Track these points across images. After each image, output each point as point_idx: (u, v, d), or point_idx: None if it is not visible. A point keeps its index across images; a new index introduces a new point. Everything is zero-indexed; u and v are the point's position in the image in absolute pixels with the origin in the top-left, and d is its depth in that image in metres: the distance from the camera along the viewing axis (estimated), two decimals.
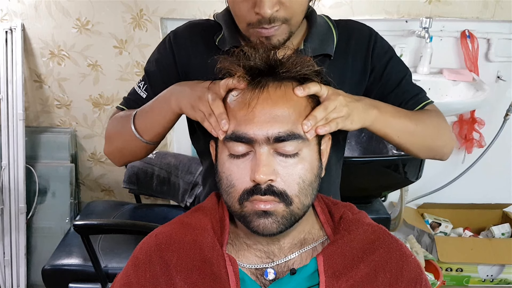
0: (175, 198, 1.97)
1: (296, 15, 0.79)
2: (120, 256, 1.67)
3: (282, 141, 0.66)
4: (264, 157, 0.66)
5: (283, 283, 0.70)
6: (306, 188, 0.68)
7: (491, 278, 2.19)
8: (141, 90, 0.96)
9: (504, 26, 1.98)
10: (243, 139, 0.66)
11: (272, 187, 0.66)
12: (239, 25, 0.83)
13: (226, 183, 0.69)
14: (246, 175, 0.67)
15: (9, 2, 1.93)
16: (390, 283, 0.71)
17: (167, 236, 0.75)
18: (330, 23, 0.92)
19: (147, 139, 0.89)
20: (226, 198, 0.70)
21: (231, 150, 0.68)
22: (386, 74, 0.93)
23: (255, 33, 0.79)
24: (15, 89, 1.98)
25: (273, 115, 0.66)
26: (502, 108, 2.10)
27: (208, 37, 0.91)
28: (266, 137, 0.66)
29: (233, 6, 0.81)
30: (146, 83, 0.96)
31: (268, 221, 0.67)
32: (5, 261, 2.04)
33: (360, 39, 0.92)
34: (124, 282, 0.75)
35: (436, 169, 2.26)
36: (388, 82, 0.93)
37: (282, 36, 0.80)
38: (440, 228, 2.28)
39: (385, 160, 1.71)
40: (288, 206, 0.67)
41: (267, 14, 0.75)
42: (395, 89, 0.93)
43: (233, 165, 0.68)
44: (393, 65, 0.93)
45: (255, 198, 0.66)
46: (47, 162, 2.14)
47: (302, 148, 0.68)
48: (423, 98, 0.96)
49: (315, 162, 0.70)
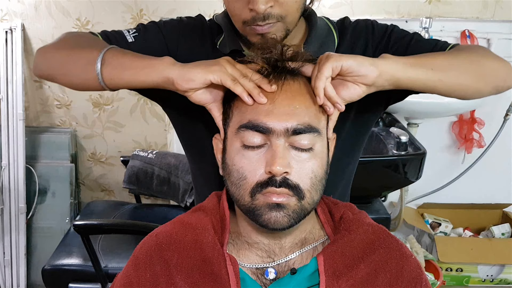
0: (175, 198, 1.97)
1: (291, 13, 0.78)
2: (120, 256, 1.67)
3: (299, 133, 0.67)
4: (280, 149, 0.66)
5: (284, 282, 0.70)
6: (317, 184, 0.69)
7: (491, 278, 2.19)
8: (130, 35, 0.86)
9: (504, 26, 1.98)
10: (261, 129, 0.67)
11: (287, 180, 0.66)
12: (236, 25, 0.82)
13: (237, 176, 0.69)
14: (259, 167, 0.67)
15: (9, 2, 1.94)
16: (390, 283, 0.71)
17: (167, 236, 0.75)
18: (331, 25, 0.91)
19: (107, 83, 0.75)
20: (236, 191, 0.70)
21: (246, 141, 0.68)
22: (392, 46, 0.87)
23: (250, 31, 0.79)
24: (15, 89, 1.98)
25: (292, 107, 0.67)
26: (502, 108, 2.10)
27: (212, 38, 0.90)
28: (286, 128, 0.66)
29: (228, 5, 0.80)
30: (140, 34, 0.87)
31: (280, 214, 0.67)
32: (5, 261, 2.04)
33: (355, 35, 0.90)
34: (125, 282, 0.75)
35: (436, 169, 2.26)
36: (398, 50, 0.85)
37: (278, 33, 0.78)
38: (440, 228, 2.28)
39: (385, 160, 1.71)
40: (300, 200, 0.67)
41: (260, 9, 0.74)
42: (408, 49, 0.84)
43: (245, 157, 0.68)
44: (396, 35, 0.88)
45: (269, 190, 0.66)
46: (47, 162, 2.15)
47: (316, 142, 0.69)
48: (446, 44, 0.86)
49: (325, 158, 0.71)
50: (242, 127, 0.68)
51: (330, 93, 0.68)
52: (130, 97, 2.05)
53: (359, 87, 0.69)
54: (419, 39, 0.87)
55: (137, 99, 2.05)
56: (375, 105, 0.92)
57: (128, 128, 2.13)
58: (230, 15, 0.82)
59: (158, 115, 2.07)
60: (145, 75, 0.73)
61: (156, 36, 0.88)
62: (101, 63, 0.74)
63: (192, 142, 0.97)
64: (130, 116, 2.10)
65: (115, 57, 0.75)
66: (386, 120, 2.02)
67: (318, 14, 0.92)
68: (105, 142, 2.17)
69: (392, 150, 1.73)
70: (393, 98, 0.92)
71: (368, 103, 0.81)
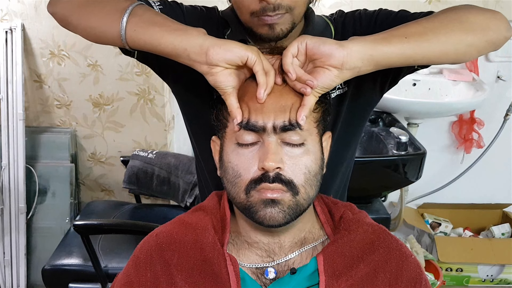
0: (175, 198, 1.97)
1: (300, 5, 0.79)
2: (120, 256, 1.67)
3: (288, 130, 0.67)
4: (272, 145, 0.67)
5: (284, 282, 0.70)
6: (312, 179, 0.69)
7: (491, 278, 2.19)
8: (156, 6, 0.82)
9: None
10: (252, 128, 0.67)
11: (280, 175, 0.66)
12: (241, 17, 0.82)
13: (232, 174, 0.69)
14: (253, 164, 0.68)
15: (9, 2, 1.93)
16: (390, 283, 0.71)
17: (167, 236, 0.75)
18: (328, 20, 0.92)
19: (128, 34, 0.70)
20: (232, 189, 0.70)
21: (240, 139, 0.69)
22: (378, 27, 0.81)
23: (258, 21, 0.78)
24: (15, 89, 1.98)
25: (279, 105, 0.68)
26: (502, 108, 2.10)
27: (222, 31, 0.90)
28: (274, 126, 0.67)
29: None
30: (165, 8, 0.83)
31: (274, 210, 0.67)
32: (5, 261, 2.04)
33: (344, 27, 0.90)
34: (125, 282, 0.75)
35: (436, 169, 2.26)
36: (384, 29, 0.75)
37: (285, 25, 0.79)
38: (440, 228, 2.28)
39: (385, 160, 1.71)
40: (295, 196, 0.67)
41: (271, 0, 0.74)
42: (393, 26, 0.75)
43: (240, 155, 0.69)
44: (382, 16, 0.86)
45: (263, 187, 0.66)
46: (47, 162, 2.14)
47: (307, 138, 0.69)
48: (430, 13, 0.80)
49: (318, 154, 0.71)
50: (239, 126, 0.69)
51: (298, 73, 0.67)
52: (130, 97, 2.05)
53: (329, 71, 0.67)
54: (405, 14, 0.85)
55: (137, 99, 2.05)
56: (369, 92, 0.91)
57: (128, 128, 2.13)
58: (236, 8, 0.82)
59: (158, 115, 2.07)
60: (174, 37, 0.68)
61: (178, 17, 0.85)
62: (129, 13, 0.70)
63: (199, 125, 0.95)
64: (130, 116, 2.09)
65: (147, 12, 0.72)
66: (386, 120, 2.02)
67: (318, 13, 0.92)
68: (105, 142, 2.17)
69: (392, 150, 1.73)
70: (383, 81, 0.89)
71: (361, 89, 0.81)
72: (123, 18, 0.69)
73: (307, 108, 0.67)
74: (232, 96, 0.68)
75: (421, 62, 0.73)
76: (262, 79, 0.67)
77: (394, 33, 0.70)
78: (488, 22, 0.74)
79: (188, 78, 0.88)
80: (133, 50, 0.75)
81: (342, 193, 1.04)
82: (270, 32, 0.79)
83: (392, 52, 0.69)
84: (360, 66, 0.68)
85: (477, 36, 0.73)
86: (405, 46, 0.69)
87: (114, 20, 0.70)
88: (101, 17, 0.72)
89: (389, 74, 0.87)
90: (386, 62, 0.69)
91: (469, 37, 0.72)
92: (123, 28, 0.70)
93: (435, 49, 0.71)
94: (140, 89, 2.02)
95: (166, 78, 0.93)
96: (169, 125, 2.13)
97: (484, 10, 0.75)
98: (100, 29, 0.73)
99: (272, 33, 0.78)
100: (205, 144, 0.82)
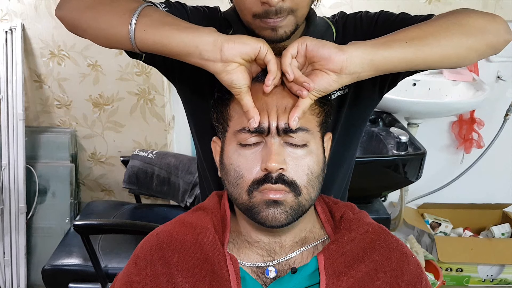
0: (175, 198, 1.97)
1: (302, 7, 0.79)
2: (120, 256, 1.67)
3: (290, 131, 0.67)
4: (275, 146, 0.67)
5: (284, 281, 0.70)
6: (314, 180, 0.69)
7: (491, 278, 2.19)
8: (161, 8, 0.81)
9: None
10: (255, 129, 0.67)
11: (283, 176, 0.66)
12: (243, 19, 0.82)
13: (234, 175, 0.69)
14: (255, 165, 0.67)
15: (9, 2, 1.93)
16: (390, 282, 0.71)
17: (168, 235, 0.75)
18: (329, 21, 0.92)
19: (138, 35, 0.69)
20: (233, 190, 0.70)
21: (242, 140, 0.68)
22: (380, 30, 0.82)
23: (261, 24, 0.78)
24: (15, 89, 1.98)
25: (282, 107, 0.68)
26: (502, 108, 2.10)
27: (224, 31, 0.90)
28: (277, 128, 0.67)
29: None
30: (170, 10, 0.82)
31: (277, 211, 0.67)
32: (5, 261, 2.04)
33: (345, 31, 0.90)
34: (125, 281, 0.75)
35: (436, 169, 2.26)
36: (385, 32, 0.75)
37: (288, 27, 0.78)
38: (440, 228, 2.28)
39: (385, 160, 1.71)
40: (297, 196, 0.67)
41: (273, 3, 0.73)
42: (393, 29, 0.75)
43: (242, 156, 0.69)
44: (383, 18, 0.86)
45: (266, 187, 0.66)
46: (47, 162, 2.14)
47: (310, 139, 0.69)
48: (430, 16, 0.81)
49: (320, 156, 0.71)
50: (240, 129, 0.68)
51: (296, 74, 0.66)
52: (130, 97, 2.05)
53: (328, 75, 0.66)
54: (405, 17, 0.84)
55: (137, 99, 2.05)
56: (368, 94, 0.91)
57: (128, 128, 2.13)
58: (238, 9, 0.82)
59: (158, 115, 2.07)
60: (185, 35, 0.66)
61: (183, 18, 0.81)
62: (138, 13, 0.69)
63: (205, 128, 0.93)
64: (130, 116, 2.09)
65: (157, 12, 0.71)
66: (386, 120, 2.02)
67: (318, 13, 0.93)
68: (105, 142, 2.17)
69: (392, 150, 1.73)
70: (382, 83, 0.90)
71: (361, 91, 0.80)
72: (133, 19, 0.68)
73: (300, 109, 0.66)
74: (248, 95, 0.67)
75: (422, 67, 0.72)
76: (274, 68, 0.65)
77: (395, 38, 0.70)
78: (488, 25, 0.73)
79: (194, 79, 0.88)
80: (142, 52, 0.74)
81: (343, 194, 1.04)
82: (273, 35, 0.78)
83: (393, 57, 0.68)
84: (360, 72, 0.67)
85: (477, 39, 0.72)
86: (405, 50, 0.68)
87: (123, 20, 0.69)
88: (110, 17, 0.71)
89: (388, 76, 0.87)
90: (387, 67, 0.69)
91: (469, 40, 0.72)
92: (132, 29, 0.68)
93: (435, 53, 0.70)
94: (140, 89, 2.02)
95: (173, 79, 0.93)
96: (169, 125, 2.13)
97: (483, 14, 0.75)
98: (110, 30, 0.71)
99: (275, 36, 0.78)
100: (208, 144, 0.82)
